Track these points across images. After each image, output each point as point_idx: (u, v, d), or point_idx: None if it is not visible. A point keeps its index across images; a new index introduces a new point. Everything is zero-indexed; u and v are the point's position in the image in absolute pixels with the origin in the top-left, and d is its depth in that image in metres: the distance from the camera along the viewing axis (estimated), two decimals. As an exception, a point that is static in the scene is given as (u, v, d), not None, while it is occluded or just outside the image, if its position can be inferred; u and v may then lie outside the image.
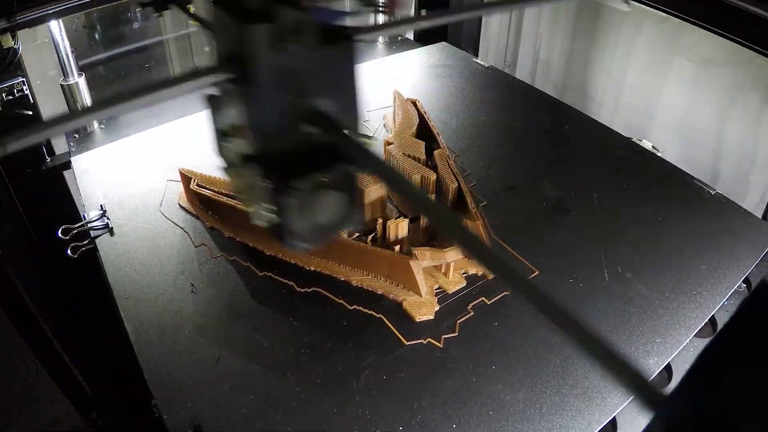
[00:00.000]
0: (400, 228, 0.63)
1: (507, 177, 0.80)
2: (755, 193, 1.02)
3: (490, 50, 1.42)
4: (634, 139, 0.87)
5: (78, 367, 0.83)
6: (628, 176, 0.81)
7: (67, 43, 0.88)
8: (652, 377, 0.56)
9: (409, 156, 0.72)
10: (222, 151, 0.37)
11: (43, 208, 0.87)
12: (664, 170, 0.82)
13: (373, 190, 0.66)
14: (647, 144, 0.86)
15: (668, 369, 0.61)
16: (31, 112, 0.84)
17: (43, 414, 1.35)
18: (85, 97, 0.94)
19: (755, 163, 1.00)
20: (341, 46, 0.33)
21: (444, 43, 1.15)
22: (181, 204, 0.74)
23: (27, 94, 0.83)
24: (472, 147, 0.85)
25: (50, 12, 0.79)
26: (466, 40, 1.24)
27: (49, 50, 0.90)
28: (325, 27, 0.32)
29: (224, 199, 0.68)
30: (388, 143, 0.77)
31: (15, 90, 0.81)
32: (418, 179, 0.68)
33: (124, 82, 1.13)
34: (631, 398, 0.54)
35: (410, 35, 1.26)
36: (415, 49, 1.12)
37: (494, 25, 1.38)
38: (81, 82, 0.93)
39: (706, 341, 0.63)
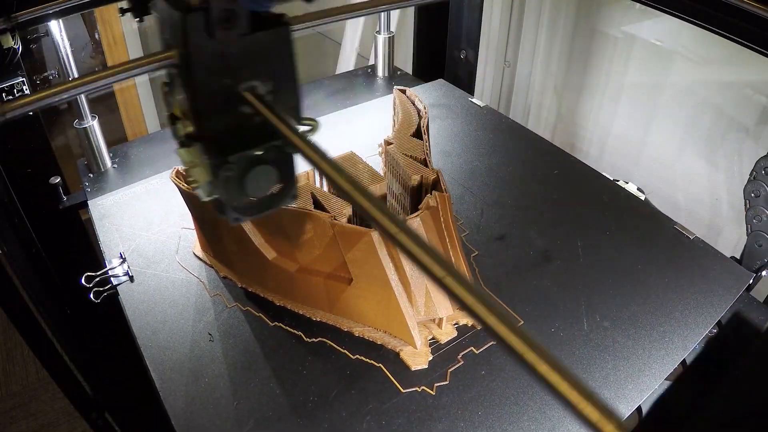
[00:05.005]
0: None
1: (498, 226, 0.86)
2: (733, 234, 1.07)
3: (489, 53, 1.45)
4: (620, 183, 0.92)
5: (78, 367, 0.87)
6: (612, 221, 0.86)
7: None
8: (623, 419, 0.63)
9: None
10: (174, 132, 0.40)
11: (63, 252, 0.93)
12: (645, 215, 0.88)
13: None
14: (632, 187, 0.91)
15: (638, 408, 0.67)
16: (31, 112, 0.86)
17: (43, 414, 1.41)
18: (100, 140, 0.99)
19: (733, 202, 1.05)
20: (275, 31, 0.36)
21: (441, 80, 1.20)
22: (195, 253, 0.80)
23: (27, 94, 0.83)
24: (465, 195, 0.91)
25: (50, 12, 0.79)
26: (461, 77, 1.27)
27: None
28: (257, 13, 0.35)
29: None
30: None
31: (15, 90, 0.81)
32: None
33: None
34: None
35: (409, 69, 1.30)
36: (412, 87, 1.17)
37: (494, 26, 1.40)
38: (95, 125, 0.98)
39: (675, 383, 0.70)
